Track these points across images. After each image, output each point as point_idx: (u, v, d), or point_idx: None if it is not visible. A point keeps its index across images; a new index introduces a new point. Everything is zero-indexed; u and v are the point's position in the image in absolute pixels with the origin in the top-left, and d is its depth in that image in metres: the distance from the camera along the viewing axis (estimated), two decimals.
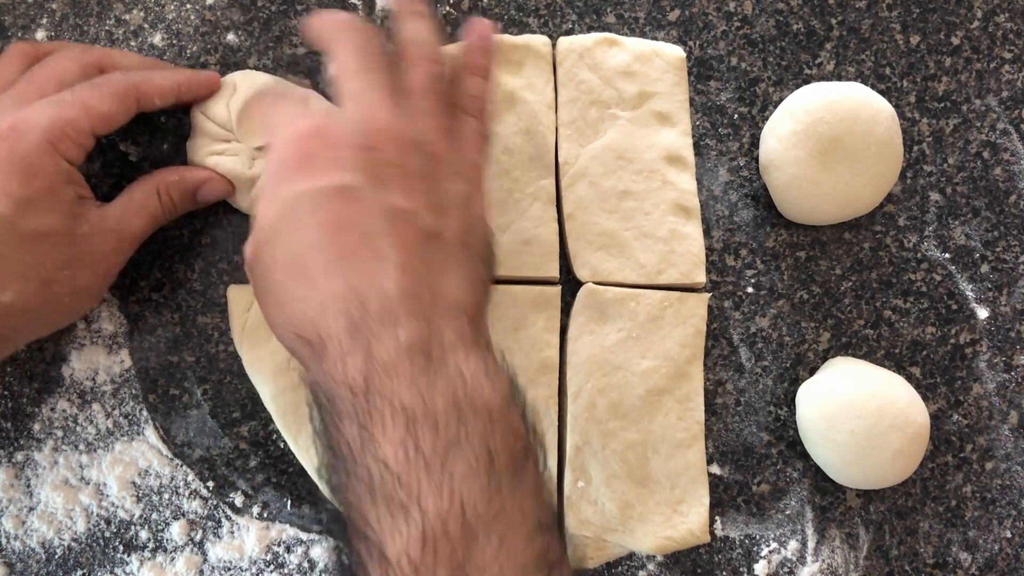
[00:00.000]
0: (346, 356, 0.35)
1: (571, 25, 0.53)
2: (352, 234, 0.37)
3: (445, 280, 0.38)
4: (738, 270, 0.52)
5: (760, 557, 0.51)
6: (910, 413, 0.48)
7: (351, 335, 0.35)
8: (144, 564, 0.48)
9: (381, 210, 0.37)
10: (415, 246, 0.37)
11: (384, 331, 0.35)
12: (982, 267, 0.54)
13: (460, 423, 0.34)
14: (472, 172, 0.42)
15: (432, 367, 0.35)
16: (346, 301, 0.36)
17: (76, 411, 0.49)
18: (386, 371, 0.34)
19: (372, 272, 0.36)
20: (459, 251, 0.39)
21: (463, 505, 0.32)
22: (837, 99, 0.49)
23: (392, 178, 0.38)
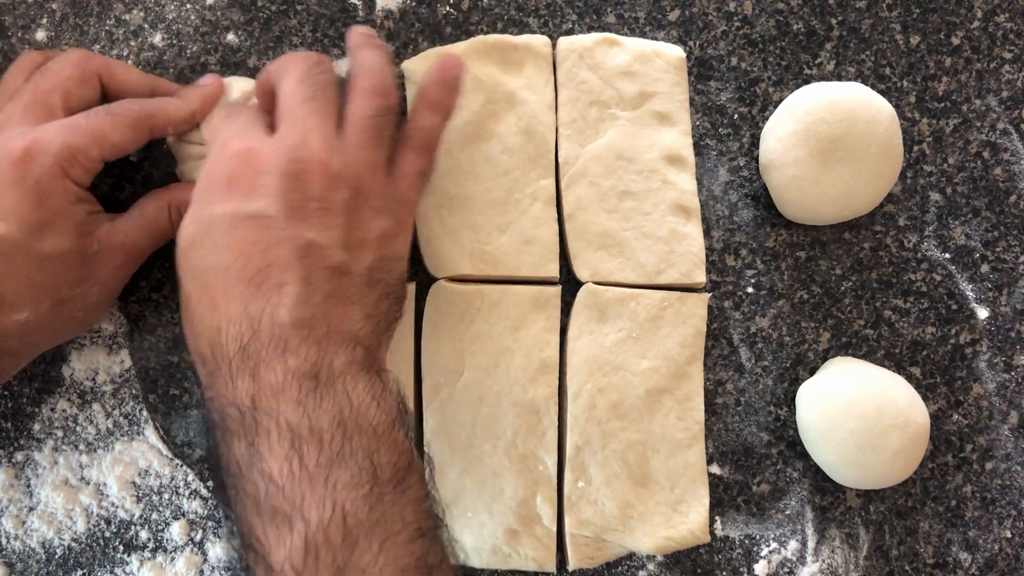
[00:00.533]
0: (235, 377, 0.36)
1: (571, 25, 0.53)
2: (258, 261, 0.38)
3: (345, 313, 0.39)
4: (738, 270, 0.52)
5: (760, 557, 0.51)
6: (910, 413, 0.48)
7: (240, 357, 0.37)
8: (144, 564, 0.48)
9: (291, 241, 0.38)
10: (319, 279, 0.38)
11: (273, 356, 0.36)
12: (982, 267, 0.54)
13: (345, 439, 0.36)
14: (400, 209, 0.43)
15: (319, 390, 0.36)
16: (240, 324, 0.37)
17: (76, 411, 0.49)
18: (273, 393, 0.36)
19: (269, 300, 0.37)
20: (365, 287, 0.40)
21: (344, 513, 0.34)
22: (837, 99, 0.49)
23: (310, 211, 0.39)
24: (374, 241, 0.41)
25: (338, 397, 0.37)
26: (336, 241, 0.39)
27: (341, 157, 0.40)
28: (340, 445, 0.35)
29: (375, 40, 0.46)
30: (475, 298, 0.48)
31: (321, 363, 0.37)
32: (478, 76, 0.50)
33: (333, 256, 0.39)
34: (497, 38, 0.50)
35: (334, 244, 0.39)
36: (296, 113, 0.41)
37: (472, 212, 0.49)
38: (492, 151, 0.49)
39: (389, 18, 0.52)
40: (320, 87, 0.42)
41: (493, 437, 0.48)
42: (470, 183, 0.49)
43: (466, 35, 0.52)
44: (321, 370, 0.37)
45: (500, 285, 0.49)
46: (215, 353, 0.37)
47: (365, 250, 0.40)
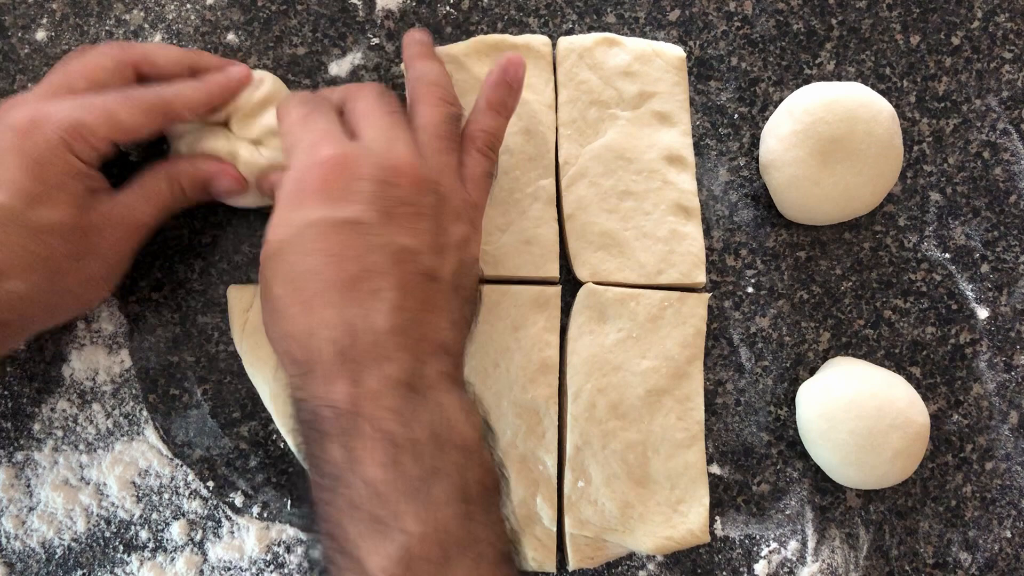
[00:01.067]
0: (332, 380, 0.36)
1: (571, 25, 0.53)
2: (353, 267, 0.38)
3: (435, 320, 0.39)
4: (738, 270, 0.52)
5: (760, 557, 0.51)
6: (910, 413, 0.48)
7: (338, 362, 0.36)
8: (144, 564, 0.48)
9: (386, 248, 0.38)
10: (412, 285, 0.38)
11: (372, 364, 0.36)
12: (982, 267, 0.54)
13: (439, 452, 0.36)
14: (474, 213, 0.43)
15: (415, 399, 0.36)
16: (337, 330, 0.37)
17: (76, 411, 0.49)
18: (372, 398, 0.36)
19: (367, 307, 0.37)
20: (451, 293, 0.40)
21: (441, 529, 0.34)
22: (837, 99, 0.49)
23: (402, 216, 0.39)
24: (455, 245, 0.41)
25: (432, 409, 0.36)
26: (426, 246, 0.39)
27: (426, 162, 0.41)
28: (435, 458, 0.35)
29: (431, 50, 0.47)
30: None
31: (416, 372, 0.37)
32: (478, 76, 0.49)
33: (425, 261, 0.39)
34: (497, 38, 0.50)
35: (425, 249, 0.39)
36: (380, 122, 0.41)
37: None
38: None
39: (389, 18, 0.52)
40: (397, 105, 0.43)
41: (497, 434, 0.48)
42: None
43: (466, 35, 0.52)
44: (416, 379, 0.37)
45: (500, 285, 0.49)
46: (309, 356, 0.37)
47: (449, 255, 0.40)
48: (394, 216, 0.39)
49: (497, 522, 0.37)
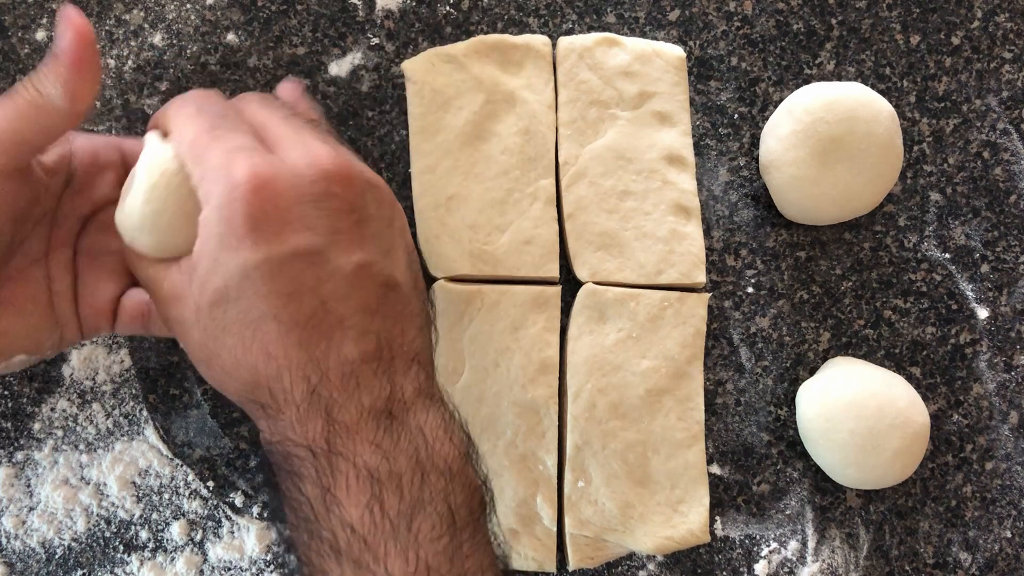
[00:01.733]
0: (306, 420, 0.34)
1: (571, 25, 0.53)
2: (312, 301, 0.35)
3: (403, 331, 0.37)
4: (738, 270, 0.52)
5: (760, 557, 0.51)
6: (910, 413, 0.48)
7: (309, 401, 0.34)
8: (144, 564, 0.48)
9: (340, 271, 0.35)
10: (375, 302, 0.36)
11: (346, 397, 0.34)
12: (982, 267, 0.54)
13: (423, 483, 0.34)
14: (390, 194, 0.40)
15: (394, 427, 0.35)
16: (305, 369, 0.34)
17: (76, 411, 0.49)
18: (348, 434, 0.34)
19: (332, 339, 0.35)
20: (412, 295, 0.38)
21: (428, 568, 0.33)
22: (837, 99, 0.49)
23: (349, 229, 0.36)
24: (399, 234, 0.38)
25: (413, 434, 0.35)
26: (378, 252, 0.36)
27: (348, 157, 0.37)
28: (419, 490, 0.34)
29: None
30: (475, 298, 0.48)
31: (392, 396, 0.35)
32: (478, 76, 0.50)
33: (381, 270, 0.36)
34: (497, 38, 0.50)
35: (378, 256, 0.36)
36: (284, 131, 0.37)
37: (472, 212, 0.49)
38: (492, 151, 0.49)
39: (389, 18, 0.52)
40: (285, 108, 0.40)
41: (493, 437, 0.48)
42: (470, 183, 0.49)
43: (466, 35, 0.52)
44: (394, 404, 0.35)
45: (500, 285, 0.49)
46: (276, 399, 0.35)
47: (398, 252, 0.38)
48: (341, 231, 0.35)
49: (484, 544, 0.35)
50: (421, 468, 0.34)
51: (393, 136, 0.51)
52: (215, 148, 0.36)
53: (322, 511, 0.34)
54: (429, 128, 0.49)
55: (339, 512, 0.33)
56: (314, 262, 0.35)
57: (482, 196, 0.49)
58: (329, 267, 0.35)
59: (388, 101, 0.51)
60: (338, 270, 0.35)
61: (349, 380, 0.34)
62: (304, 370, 0.34)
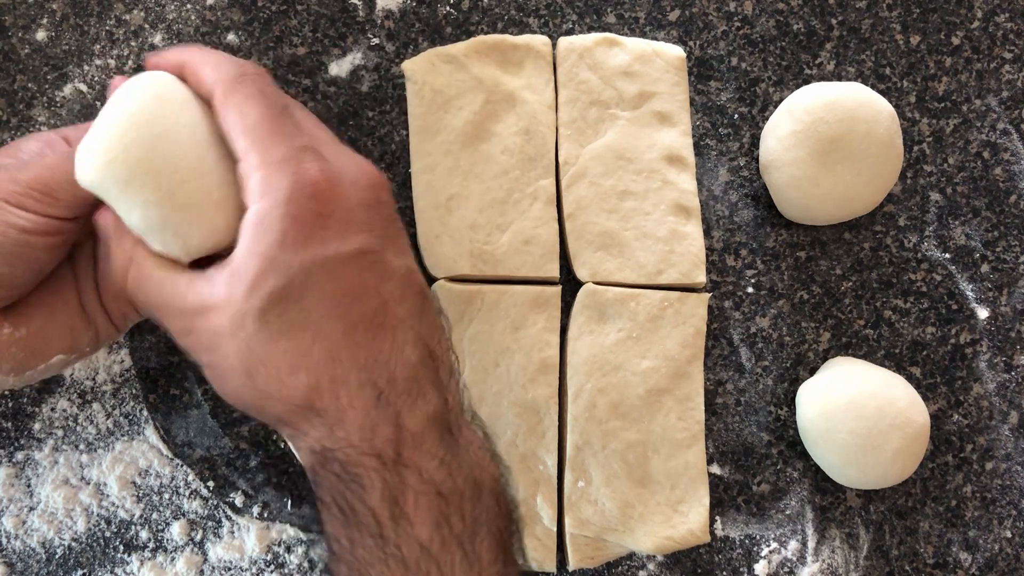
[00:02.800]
0: (375, 426, 0.34)
1: (571, 25, 0.53)
2: (374, 302, 0.35)
3: (439, 340, 0.37)
4: (738, 270, 0.52)
5: (760, 557, 0.51)
6: (910, 413, 0.48)
7: (376, 406, 0.34)
8: (144, 564, 0.48)
9: (395, 273, 0.36)
10: (420, 307, 0.36)
11: (411, 403, 0.34)
12: (982, 267, 0.54)
13: (478, 501, 0.34)
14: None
15: (451, 440, 0.35)
16: (372, 371, 0.34)
17: (76, 411, 0.49)
18: (415, 442, 0.34)
19: (395, 341, 0.34)
20: (429, 300, 0.38)
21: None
22: (837, 99, 0.49)
23: (396, 234, 0.37)
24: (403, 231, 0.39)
25: (464, 450, 0.35)
26: (412, 258, 0.37)
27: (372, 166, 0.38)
28: (475, 509, 0.34)
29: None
30: (475, 298, 0.48)
31: (447, 407, 0.35)
32: (478, 76, 0.50)
33: (417, 277, 0.37)
34: (497, 38, 0.50)
35: (413, 262, 0.37)
36: (323, 136, 0.38)
37: (472, 212, 0.49)
38: (492, 151, 0.49)
39: (389, 18, 0.52)
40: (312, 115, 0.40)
41: (493, 437, 0.48)
42: (470, 183, 0.49)
43: (466, 35, 0.52)
44: (450, 416, 0.35)
45: (500, 285, 0.49)
46: (340, 403, 0.34)
47: (410, 255, 0.38)
48: (388, 235, 0.36)
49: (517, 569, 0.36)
50: (476, 487, 0.34)
51: (393, 136, 0.51)
52: (284, 142, 0.35)
53: (389, 525, 0.33)
54: (429, 128, 0.49)
55: (408, 529, 0.33)
56: (375, 262, 0.35)
57: (482, 196, 0.49)
58: (388, 268, 0.35)
59: (388, 101, 0.51)
60: (395, 272, 0.35)
61: (412, 385, 0.34)
62: (371, 372, 0.34)
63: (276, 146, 0.35)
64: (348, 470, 0.34)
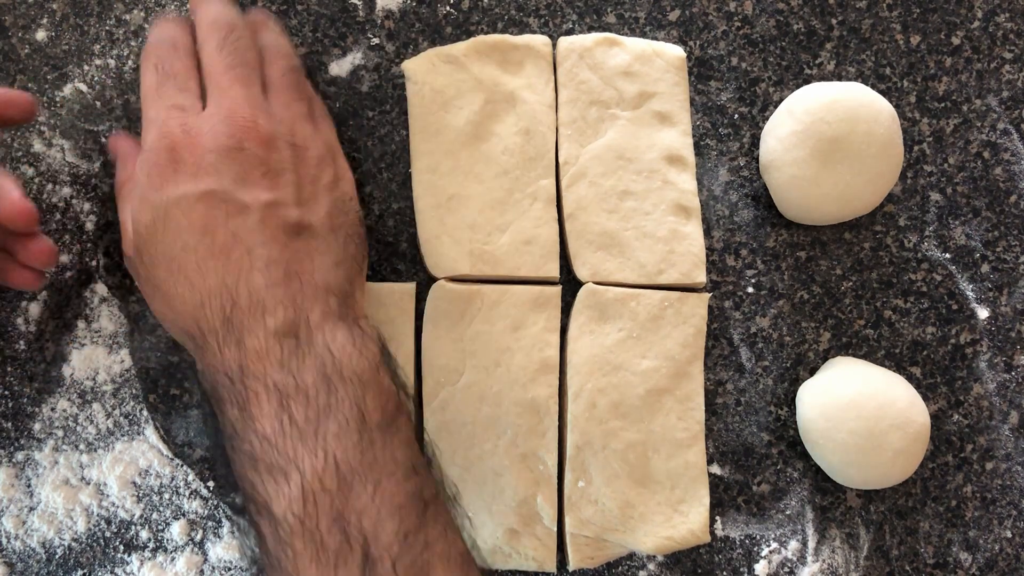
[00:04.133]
0: (222, 347, 0.38)
1: (571, 25, 0.53)
2: (222, 234, 0.39)
3: (314, 266, 0.41)
4: (738, 270, 0.52)
5: (760, 557, 0.51)
6: (910, 413, 0.48)
7: (225, 328, 0.38)
8: (144, 564, 0.48)
9: (248, 209, 0.40)
10: (283, 238, 0.40)
11: (254, 321, 0.38)
12: (982, 267, 0.54)
13: (330, 392, 0.37)
14: (333, 152, 0.45)
15: (300, 347, 0.38)
16: (220, 297, 0.39)
17: (76, 411, 0.49)
18: (258, 357, 0.38)
19: (242, 268, 0.39)
20: (328, 236, 0.42)
21: (337, 461, 0.36)
22: (837, 99, 0.49)
23: (257, 176, 0.41)
24: (324, 189, 0.43)
25: (319, 351, 0.38)
26: (290, 197, 0.41)
27: (271, 118, 0.42)
28: (326, 398, 0.37)
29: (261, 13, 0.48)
30: (475, 298, 0.48)
31: (299, 320, 0.39)
32: (478, 76, 0.50)
33: (291, 213, 0.41)
34: (497, 38, 0.50)
35: (289, 201, 0.41)
36: (221, 83, 0.42)
37: (472, 212, 0.49)
38: (492, 151, 0.49)
39: (389, 18, 0.52)
40: (239, 53, 0.43)
41: (493, 437, 0.48)
42: (470, 183, 0.49)
43: (466, 35, 0.52)
44: (300, 328, 0.39)
45: (500, 285, 0.49)
46: (201, 327, 0.39)
47: (318, 200, 0.42)
48: (248, 178, 0.40)
49: (403, 442, 0.38)
50: (327, 380, 0.38)
51: (393, 136, 0.51)
52: (157, 103, 0.43)
53: (240, 428, 0.38)
54: (429, 128, 0.49)
55: (253, 425, 0.37)
56: (222, 199, 0.40)
57: (482, 196, 0.49)
58: (234, 205, 0.40)
59: (388, 101, 0.51)
60: (245, 208, 0.40)
61: (256, 306, 0.38)
62: (220, 298, 0.39)
63: (151, 107, 0.43)
64: (213, 387, 0.39)
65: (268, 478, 0.36)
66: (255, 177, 0.41)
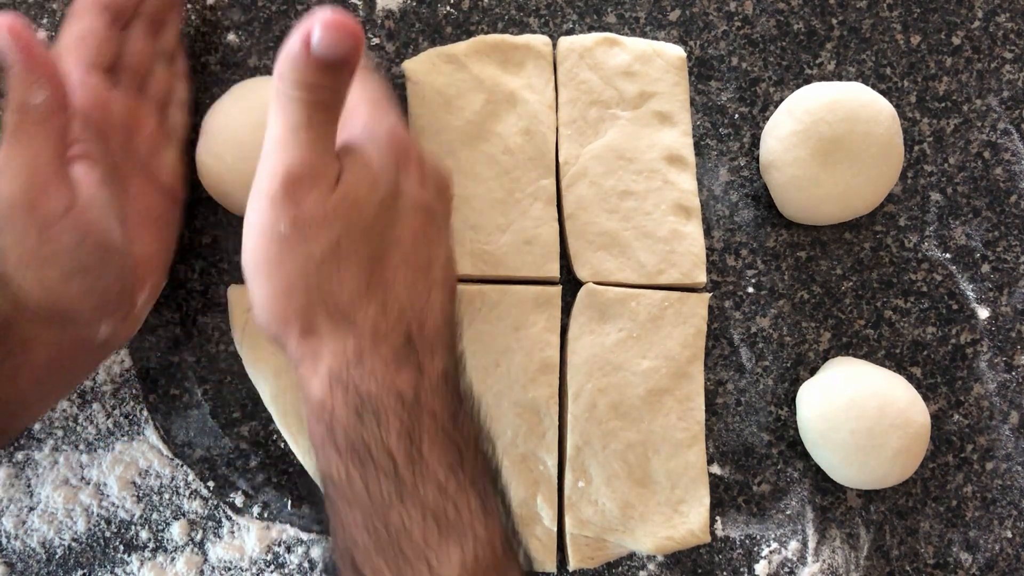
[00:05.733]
0: (400, 366, 0.35)
1: (571, 25, 0.53)
2: (426, 252, 0.37)
3: (454, 310, 0.40)
4: (739, 270, 0.52)
5: (761, 557, 0.51)
6: (910, 413, 0.48)
7: (405, 348, 0.35)
8: (144, 564, 0.48)
9: (445, 243, 0.39)
10: (453, 285, 0.40)
11: (432, 354, 0.36)
12: (983, 267, 0.54)
13: (476, 459, 0.36)
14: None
15: (457, 397, 0.37)
16: (408, 313, 0.36)
17: (76, 411, 0.49)
18: (433, 391, 0.35)
19: (433, 295, 0.37)
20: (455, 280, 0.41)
21: (499, 537, 0.34)
22: (838, 99, 0.49)
23: (446, 221, 0.41)
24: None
25: (466, 407, 0.37)
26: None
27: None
28: (480, 459, 0.36)
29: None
30: (475, 298, 0.48)
31: (456, 370, 0.37)
32: (479, 76, 0.50)
33: (453, 257, 0.41)
34: (497, 38, 0.50)
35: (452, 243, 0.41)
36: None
37: (472, 212, 0.49)
38: (492, 151, 0.49)
39: (389, 18, 0.52)
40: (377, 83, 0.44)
41: (493, 437, 0.48)
42: (470, 183, 0.49)
43: (466, 35, 0.52)
44: (459, 375, 0.37)
45: (500, 285, 0.49)
46: (377, 326, 0.35)
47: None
48: (446, 218, 0.40)
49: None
50: (476, 445, 0.36)
51: None
52: (387, 119, 0.40)
53: (406, 465, 0.34)
54: (430, 128, 0.49)
55: (424, 470, 0.34)
56: (435, 221, 0.38)
57: (483, 196, 0.49)
58: (442, 235, 0.39)
59: None
60: (445, 241, 0.39)
61: (436, 340, 0.36)
62: (408, 314, 0.36)
63: (380, 120, 0.40)
64: (367, 404, 0.34)
65: (434, 533, 0.33)
66: (445, 222, 0.41)
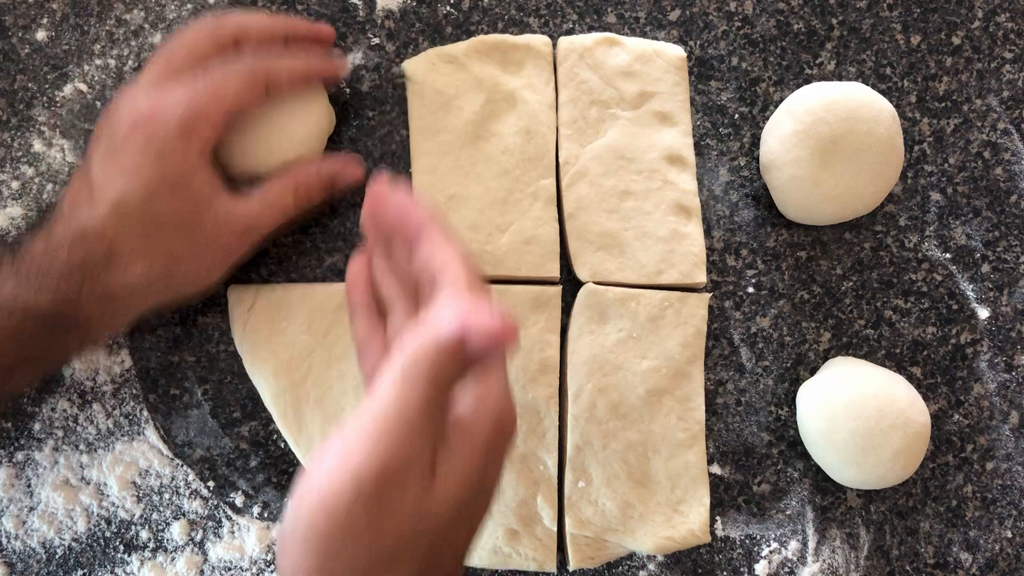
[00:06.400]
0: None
1: (572, 25, 0.53)
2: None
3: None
4: (739, 270, 0.52)
5: (761, 557, 0.51)
6: (911, 413, 0.48)
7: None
8: (144, 564, 0.48)
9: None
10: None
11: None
12: (983, 267, 0.54)
13: None
14: None
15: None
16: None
17: (76, 411, 0.49)
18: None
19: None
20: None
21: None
22: (838, 99, 0.49)
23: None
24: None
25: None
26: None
27: None
28: None
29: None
30: None
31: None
32: (478, 76, 0.50)
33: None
34: (498, 38, 0.50)
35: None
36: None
37: (472, 212, 0.49)
38: (492, 151, 0.49)
39: (389, 18, 0.52)
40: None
41: None
42: (470, 183, 0.49)
43: (466, 35, 0.52)
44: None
45: (500, 285, 0.49)
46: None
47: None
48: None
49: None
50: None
51: (393, 136, 0.51)
52: (498, 387, 0.36)
53: None
54: (429, 128, 0.49)
55: None
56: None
57: (483, 196, 0.49)
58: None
59: (388, 101, 0.51)
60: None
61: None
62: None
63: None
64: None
65: None
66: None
